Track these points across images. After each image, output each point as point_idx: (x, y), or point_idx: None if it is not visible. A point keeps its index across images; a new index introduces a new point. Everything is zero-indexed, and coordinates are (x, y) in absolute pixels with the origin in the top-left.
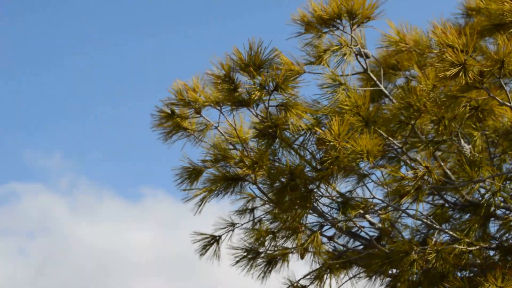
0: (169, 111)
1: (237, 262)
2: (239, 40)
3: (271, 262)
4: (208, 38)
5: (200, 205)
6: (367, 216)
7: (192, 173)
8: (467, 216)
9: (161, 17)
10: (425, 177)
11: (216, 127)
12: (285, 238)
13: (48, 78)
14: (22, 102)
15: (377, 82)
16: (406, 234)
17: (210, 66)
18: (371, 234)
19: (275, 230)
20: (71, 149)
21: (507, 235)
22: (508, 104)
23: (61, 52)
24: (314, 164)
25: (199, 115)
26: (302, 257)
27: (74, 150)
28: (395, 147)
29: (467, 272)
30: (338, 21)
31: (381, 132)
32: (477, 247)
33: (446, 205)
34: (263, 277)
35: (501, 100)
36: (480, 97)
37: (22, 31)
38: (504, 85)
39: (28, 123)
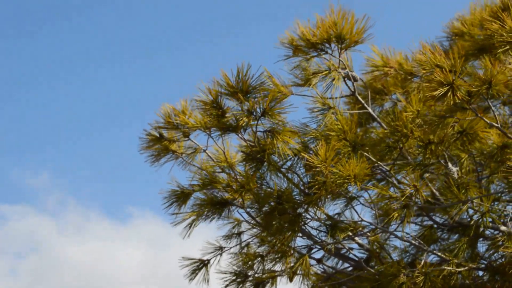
0: (157, 134)
1: (226, 286)
2: (229, 61)
3: (259, 285)
4: (197, 59)
5: (188, 229)
6: (355, 238)
7: (180, 197)
8: (455, 237)
9: (150, 39)
10: (413, 197)
11: (204, 151)
12: (273, 262)
13: (36, 98)
14: (10, 121)
15: (365, 105)
16: (395, 256)
17: (200, 87)
18: (359, 256)
19: (263, 254)
20: (59, 168)
21: (496, 255)
22: (496, 125)
23: (49, 72)
24: (302, 188)
25: (187, 139)
26: (291, 280)
27: (62, 169)
28: (383, 169)
29: None
30: (327, 45)
31: (369, 156)
32: (466, 268)
33: (435, 226)
34: None
35: (489, 121)
36: (467, 118)
37: (11, 52)
38: (492, 106)
39: (15, 142)
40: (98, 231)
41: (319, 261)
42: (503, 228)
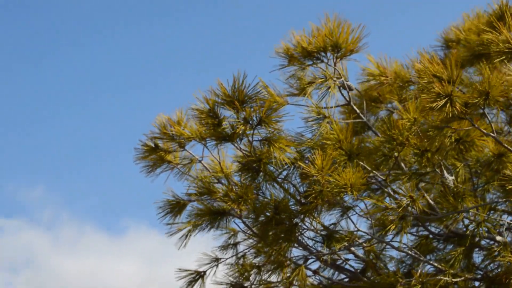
0: (152, 145)
1: None
2: (224, 71)
3: None
4: (191, 70)
5: (184, 240)
6: (351, 248)
7: (175, 207)
8: (451, 247)
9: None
10: (409, 207)
11: (200, 161)
12: (270, 272)
13: (30, 112)
14: (6, 135)
15: (360, 115)
16: (391, 266)
17: (197, 96)
18: (356, 266)
19: (260, 264)
20: (54, 182)
21: (491, 265)
22: (492, 134)
23: (44, 87)
24: (298, 198)
25: (183, 149)
26: None
27: (57, 182)
28: (379, 179)
29: None
30: (323, 53)
31: (365, 165)
32: (462, 278)
33: (431, 236)
34: None
35: (484, 131)
36: (463, 128)
37: (10, 72)
38: (487, 115)
39: (10, 156)
40: (93, 244)
41: (315, 272)
42: (498, 238)
